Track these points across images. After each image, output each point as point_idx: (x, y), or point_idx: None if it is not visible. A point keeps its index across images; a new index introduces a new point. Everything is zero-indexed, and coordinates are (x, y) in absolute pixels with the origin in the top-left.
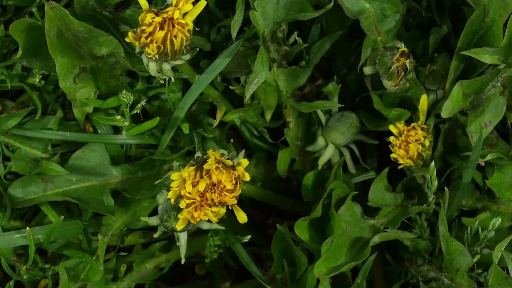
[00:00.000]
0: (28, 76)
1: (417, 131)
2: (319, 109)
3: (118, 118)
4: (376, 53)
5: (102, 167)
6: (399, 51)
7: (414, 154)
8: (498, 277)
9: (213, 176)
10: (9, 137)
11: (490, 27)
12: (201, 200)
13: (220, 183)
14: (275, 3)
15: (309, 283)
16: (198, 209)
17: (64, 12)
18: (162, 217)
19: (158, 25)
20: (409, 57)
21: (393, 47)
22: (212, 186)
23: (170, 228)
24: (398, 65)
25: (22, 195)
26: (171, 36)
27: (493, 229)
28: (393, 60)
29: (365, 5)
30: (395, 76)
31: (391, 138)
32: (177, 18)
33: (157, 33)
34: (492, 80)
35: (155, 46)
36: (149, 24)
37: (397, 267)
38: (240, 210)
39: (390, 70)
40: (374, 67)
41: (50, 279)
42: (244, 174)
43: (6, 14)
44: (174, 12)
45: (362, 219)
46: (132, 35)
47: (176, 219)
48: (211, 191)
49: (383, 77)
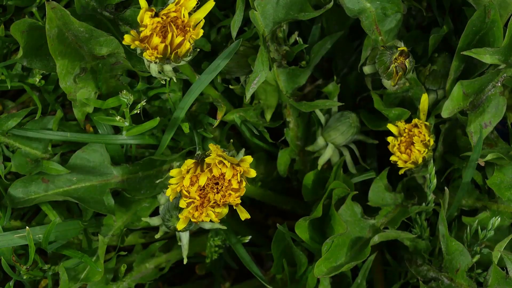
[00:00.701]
0: (28, 76)
1: (420, 130)
2: (319, 108)
3: (118, 118)
4: (376, 52)
5: (102, 167)
6: (398, 51)
7: (418, 158)
8: (497, 277)
9: (214, 170)
10: (9, 137)
11: (490, 28)
12: (202, 200)
13: (223, 179)
14: (275, 3)
15: (309, 283)
16: (198, 209)
17: (65, 12)
18: (164, 216)
19: (159, 25)
20: (409, 56)
21: (393, 46)
22: (214, 185)
23: (172, 227)
24: (397, 64)
25: (22, 195)
26: (173, 43)
27: (493, 229)
28: (392, 59)
29: (366, 5)
30: (394, 75)
31: (389, 138)
32: (184, 22)
33: (154, 38)
34: (492, 80)
35: (154, 52)
36: (147, 25)
37: (397, 267)
38: (244, 209)
39: (389, 69)
40: (374, 66)
41: (50, 279)
42: (249, 171)
43: (6, 14)
44: (179, 13)
45: (362, 219)
46: (129, 38)
47: (178, 218)
48: (214, 191)
49: (383, 77)
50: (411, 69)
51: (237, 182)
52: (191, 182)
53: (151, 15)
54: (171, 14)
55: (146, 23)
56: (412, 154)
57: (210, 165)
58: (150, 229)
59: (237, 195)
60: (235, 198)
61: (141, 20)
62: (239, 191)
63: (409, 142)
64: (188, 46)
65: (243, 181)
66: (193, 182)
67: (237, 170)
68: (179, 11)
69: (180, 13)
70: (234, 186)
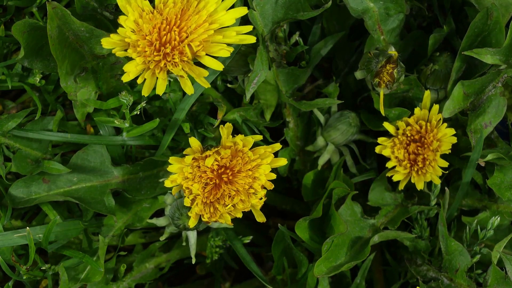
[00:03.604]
0: (28, 76)
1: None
2: (319, 107)
3: (117, 121)
4: (366, 58)
5: (103, 167)
6: (384, 59)
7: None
8: (497, 277)
9: (223, 152)
10: (9, 138)
11: (492, 29)
12: (209, 197)
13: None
14: (274, 3)
15: (309, 282)
16: (207, 208)
17: (65, 12)
18: (173, 215)
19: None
20: (397, 65)
21: (380, 53)
22: (236, 191)
23: (181, 226)
24: (383, 75)
25: (23, 195)
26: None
27: (492, 228)
28: (378, 67)
29: (370, 5)
30: (381, 82)
31: (380, 139)
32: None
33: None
34: (493, 81)
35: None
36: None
37: (396, 266)
38: (261, 212)
39: (375, 78)
40: (364, 72)
41: (50, 279)
42: (280, 159)
43: (7, 15)
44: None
45: (362, 219)
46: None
47: (188, 216)
48: (230, 198)
49: (372, 82)
50: (399, 78)
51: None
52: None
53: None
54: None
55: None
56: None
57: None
58: (150, 229)
59: (260, 197)
60: (258, 200)
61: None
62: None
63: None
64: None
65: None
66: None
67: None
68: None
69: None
70: (262, 180)
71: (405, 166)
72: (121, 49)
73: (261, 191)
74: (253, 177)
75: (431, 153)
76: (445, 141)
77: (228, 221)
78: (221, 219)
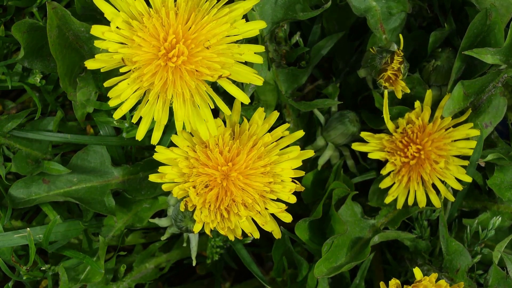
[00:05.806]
0: (28, 76)
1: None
2: (319, 107)
3: (117, 122)
4: (369, 55)
5: (103, 167)
6: (388, 55)
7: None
8: (498, 277)
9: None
10: (9, 139)
11: (491, 30)
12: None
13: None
14: (274, 3)
15: (309, 283)
16: (211, 213)
17: (65, 12)
18: (176, 217)
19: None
20: (403, 61)
21: (383, 50)
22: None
23: (184, 228)
24: (388, 72)
25: (23, 196)
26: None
27: (493, 228)
28: (382, 63)
29: (372, 3)
30: (385, 78)
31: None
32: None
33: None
34: (493, 81)
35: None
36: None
37: (396, 266)
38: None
39: (380, 74)
40: (368, 69)
41: (50, 280)
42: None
43: (7, 15)
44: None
45: (362, 219)
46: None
47: (191, 219)
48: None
49: (376, 79)
50: (405, 73)
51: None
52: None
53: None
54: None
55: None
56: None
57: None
58: (150, 229)
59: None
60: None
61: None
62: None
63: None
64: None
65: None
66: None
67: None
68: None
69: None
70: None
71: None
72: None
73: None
74: (272, 174)
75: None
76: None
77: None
78: (231, 232)
